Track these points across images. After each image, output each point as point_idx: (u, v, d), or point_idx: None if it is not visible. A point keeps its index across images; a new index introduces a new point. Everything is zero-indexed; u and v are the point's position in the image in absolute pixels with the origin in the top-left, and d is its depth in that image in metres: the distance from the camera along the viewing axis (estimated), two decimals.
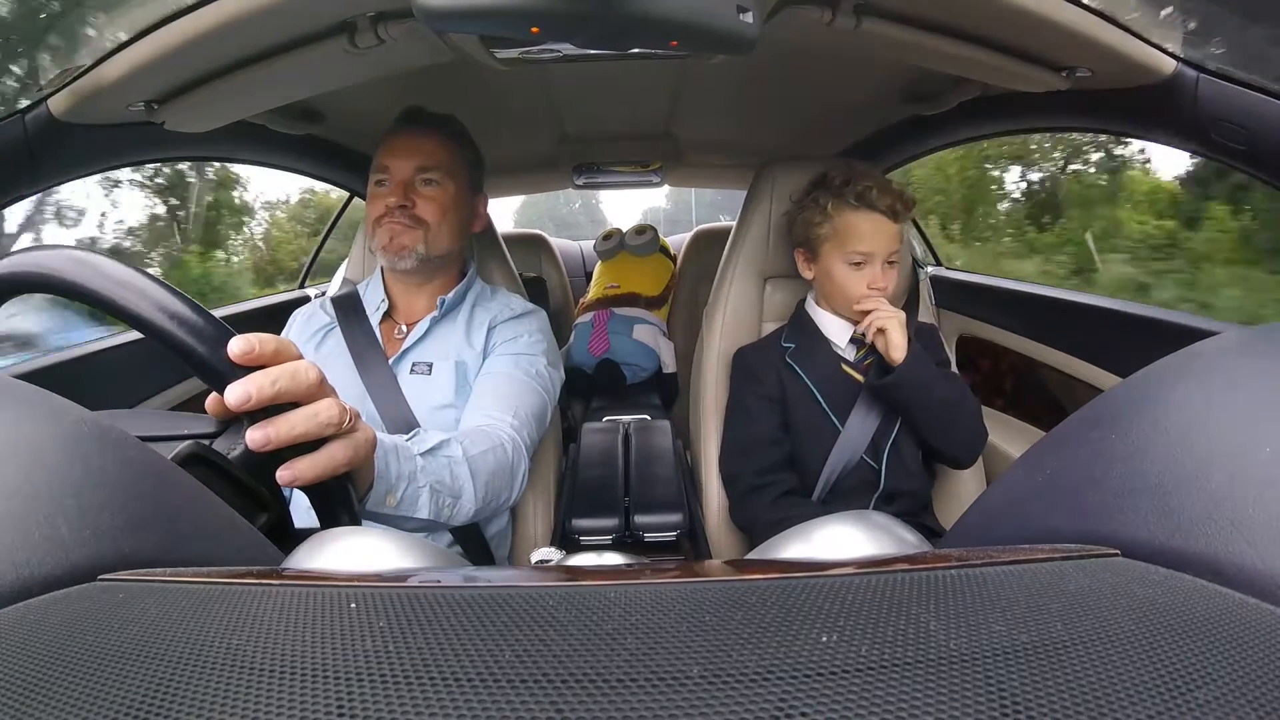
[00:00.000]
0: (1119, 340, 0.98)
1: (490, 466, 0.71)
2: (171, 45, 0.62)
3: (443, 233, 0.90)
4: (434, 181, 0.89)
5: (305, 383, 0.40)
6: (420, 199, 0.88)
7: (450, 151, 0.92)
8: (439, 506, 0.62)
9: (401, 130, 0.92)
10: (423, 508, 0.59)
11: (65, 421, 0.27)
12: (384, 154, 0.90)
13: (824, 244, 0.93)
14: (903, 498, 0.93)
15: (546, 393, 0.89)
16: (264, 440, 0.38)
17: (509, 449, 0.76)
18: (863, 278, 0.91)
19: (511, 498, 0.77)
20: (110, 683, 0.17)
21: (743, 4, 0.47)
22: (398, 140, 0.90)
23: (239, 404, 0.37)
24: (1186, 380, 0.27)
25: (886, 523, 0.35)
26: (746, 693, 0.16)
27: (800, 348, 0.97)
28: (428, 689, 0.16)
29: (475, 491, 0.67)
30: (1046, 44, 0.69)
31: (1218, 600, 0.20)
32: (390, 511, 0.56)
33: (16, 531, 0.23)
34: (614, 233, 1.90)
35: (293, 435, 0.39)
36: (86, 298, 0.36)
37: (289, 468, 0.39)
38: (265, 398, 0.37)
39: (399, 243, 0.87)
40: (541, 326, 0.96)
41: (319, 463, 0.40)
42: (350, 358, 0.87)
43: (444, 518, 0.63)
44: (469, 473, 0.67)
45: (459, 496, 0.65)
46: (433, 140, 0.91)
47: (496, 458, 0.73)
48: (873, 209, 0.89)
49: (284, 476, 0.39)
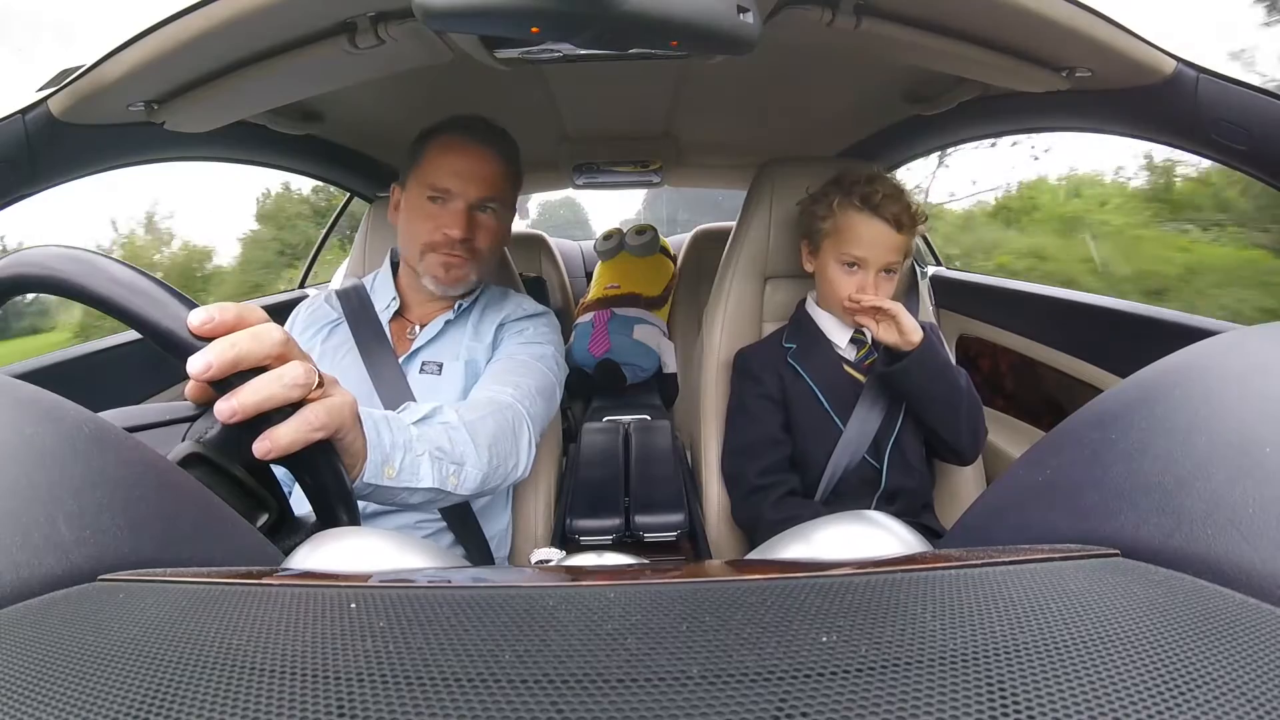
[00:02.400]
0: (1119, 340, 0.98)
1: (491, 430, 0.68)
2: (171, 45, 0.62)
3: (491, 258, 0.90)
4: (494, 210, 0.87)
5: (268, 342, 0.38)
6: (479, 228, 0.86)
7: (510, 177, 0.90)
8: (443, 475, 0.59)
9: (464, 145, 0.86)
10: (425, 476, 0.57)
11: (65, 421, 0.27)
12: (444, 171, 0.84)
13: (824, 239, 0.93)
14: (904, 496, 0.93)
15: (552, 375, 0.87)
16: (230, 411, 0.36)
17: (509, 415, 0.72)
18: (853, 281, 0.90)
19: (519, 465, 0.73)
20: (110, 683, 0.17)
21: (743, 4, 0.47)
22: (462, 157, 0.85)
23: (199, 372, 0.35)
24: (1186, 380, 0.27)
25: (886, 523, 0.35)
26: (746, 693, 0.16)
27: (801, 348, 0.97)
28: (428, 689, 0.16)
29: (479, 456, 0.64)
30: (1047, 44, 0.69)
31: (1218, 600, 0.20)
32: (392, 484, 0.53)
33: (16, 531, 0.23)
34: (614, 233, 1.90)
35: (259, 400, 0.37)
36: (86, 297, 0.36)
37: (265, 438, 0.37)
38: (226, 362, 0.36)
39: (455, 275, 0.86)
40: (551, 325, 0.96)
41: (294, 429, 0.38)
42: (358, 353, 0.86)
43: (450, 486, 0.60)
44: (468, 437, 0.64)
45: (462, 463, 0.62)
46: (497, 165, 0.87)
47: (496, 421, 0.69)
48: (876, 214, 0.88)
49: (260, 448, 0.37)
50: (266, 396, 0.37)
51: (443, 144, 0.86)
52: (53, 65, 0.68)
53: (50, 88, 0.67)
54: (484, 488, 0.66)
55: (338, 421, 0.42)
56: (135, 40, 0.62)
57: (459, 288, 0.88)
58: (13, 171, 0.68)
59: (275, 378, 0.38)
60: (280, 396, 0.38)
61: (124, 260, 0.38)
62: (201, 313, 0.36)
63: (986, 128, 1.12)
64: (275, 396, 0.37)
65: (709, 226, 1.96)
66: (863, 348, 0.97)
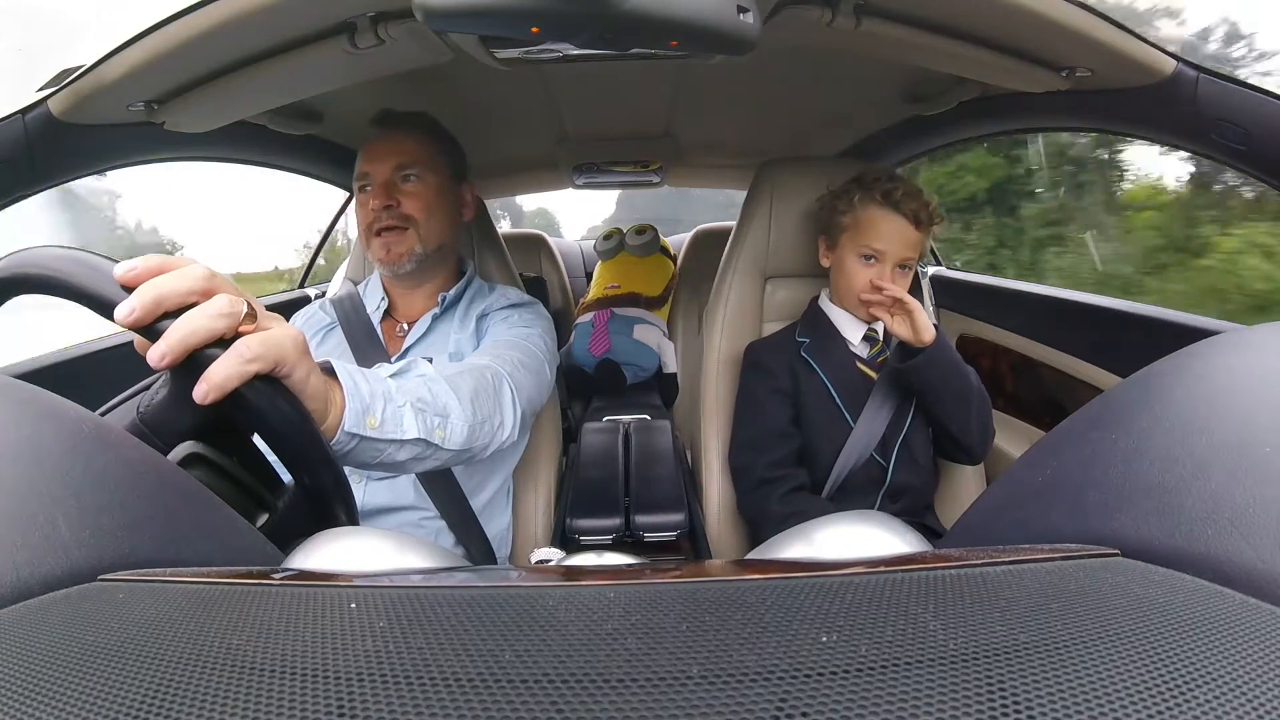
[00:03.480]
0: (1119, 340, 0.98)
1: (470, 385, 0.66)
2: (171, 45, 0.62)
3: (433, 226, 0.91)
4: (414, 177, 0.90)
5: (190, 278, 0.36)
6: (404, 196, 0.89)
7: (425, 145, 0.93)
8: (429, 426, 0.57)
9: (377, 135, 0.92)
10: (410, 427, 0.55)
11: (65, 421, 0.27)
12: (363, 161, 0.91)
13: (843, 234, 0.95)
14: (908, 495, 0.94)
15: (539, 351, 0.87)
16: (160, 356, 0.34)
17: (487, 373, 0.71)
18: (869, 273, 0.92)
19: (505, 425, 0.71)
20: (110, 683, 0.17)
21: (743, 4, 0.47)
22: (373, 145, 0.91)
23: (123, 318, 0.34)
24: (1186, 380, 0.27)
25: (887, 522, 0.35)
26: (746, 693, 0.16)
27: (815, 343, 0.98)
28: (428, 689, 0.16)
29: (462, 409, 0.62)
30: (1047, 44, 0.68)
31: (1218, 600, 0.20)
32: (376, 434, 0.51)
33: (16, 531, 0.23)
34: (614, 233, 1.89)
35: (183, 334, 0.35)
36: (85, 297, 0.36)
37: (201, 381, 0.35)
38: (147, 301, 0.34)
39: (395, 252, 0.88)
40: (537, 312, 0.96)
41: (227, 364, 0.36)
42: (353, 356, 0.88)
43: (438, 439, 0.59)
44: (448, 389, 0.62)
45: (446, 415, 0.61)
46: (407, 138, 0.92)
47: (475, 378, 0.68)
48: (895, 209, 0.91)
49: (198, 392, 0.35)
50: (190, 330, 0.35)
51: (363, 145, 0.93)
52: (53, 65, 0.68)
53: (50, 88, 0.67)
54: (471, 444, 0.64)
55: (276, 353, 0.38)
56: (135, 40, 0.62)
57: (406, 263, 0.89)
58: (13, 171, 0.68)
59: (200, 310, 0.36)
60: (205, 328, 0.36)
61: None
62: (124, 265, 0.35)
63: (986, 127, 1.12)
64: (200, 329, 0.35)
65: (709, 226, 1.95)
66: (875, 345, 0.97)
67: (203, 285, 0.37)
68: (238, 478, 0.41)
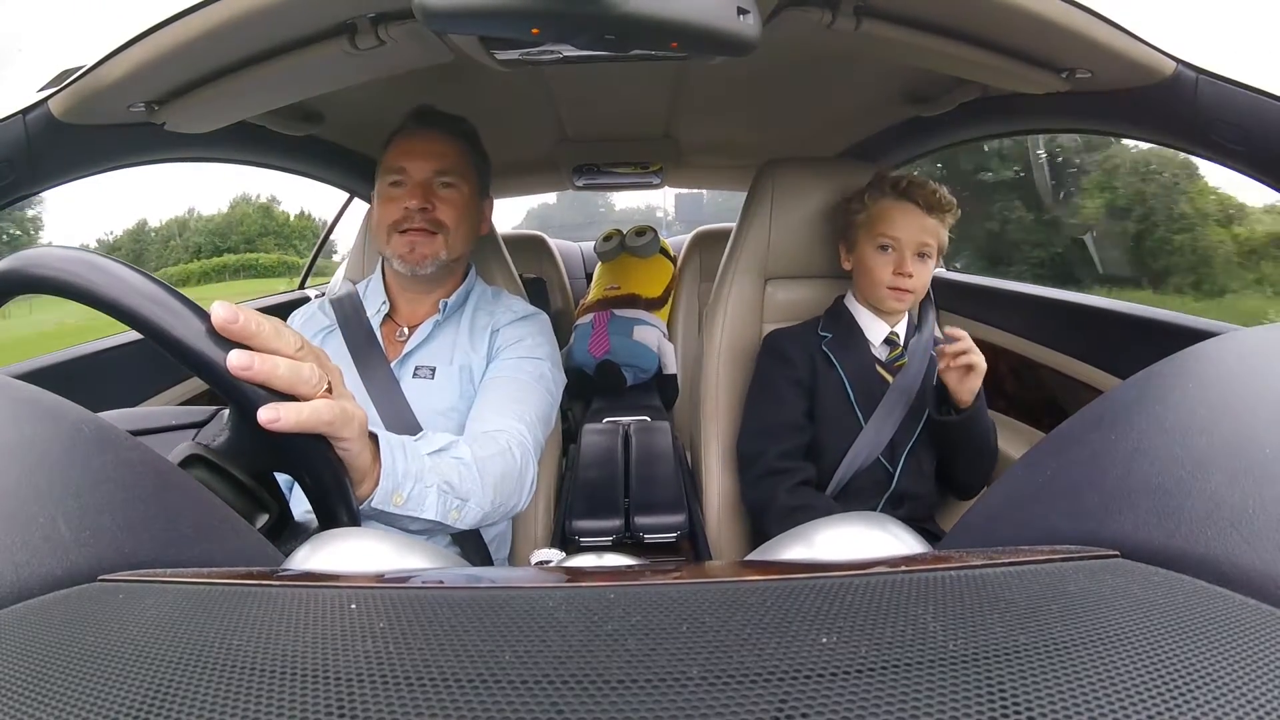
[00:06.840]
0: (1119, 341, 0.98)
1: (499, 470, 0.70)
2: (172, 46, 0.62)
3: (459, 236, 0.90)
4: (451, 185, 0.89)
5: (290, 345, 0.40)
6: (440, 201, 0.88)
7: (464, 154, 0.92)
8: (445, 509, 0.61)
9: (416, 131, 0.90)
10: (430, 508, 0.59)
11: (65, 421, 0.27)
12: (399, 155, 0.88)
13: (859, 231, 0.98)
14: (911, 502, 0.94)
15: (551, 395, 0.88)
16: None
17: (517, 455, 0.74)
18: (889, 262, 0.94)
19: (520, 503, 0.76)
20: (110, 683, 0.17)
21: (743, 5, 0.47)
22: (411, 142, 0.89)
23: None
24: (1186, 380, 0.27)
25: (887, 524, 0.35)
26: (746, 694, 0.16)
27: (837, 339, 0.99)
28: (428, 690, 0.16)
29: (484, 495, 0.66)
30: (1047, 45, 0.69)
31: (1218, 601, 0.19)
32: (396, 511, 0.55)
33: (16, 531, 0.23)
34: (614, 234, 1.89)
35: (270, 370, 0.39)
36: (85, 298, 0.36)
37: (272, 407, 0.39)
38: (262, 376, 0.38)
39: (421, 252, 0.87)
40: (544, 329, 0.96)
41: (301, 411, 0.40)
42: (351, 360, 0.87)
43: (450, 520, 0.62)
44: (478, 475, 0.66)
45: (466, 500, 0.64)
46: (449, 142, 0.90)
47: (505, 462, 0.72)
48: (905, 197, 0.94)
49: (264, 415, 0.39)
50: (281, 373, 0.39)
51: (399, 135, 0.92)
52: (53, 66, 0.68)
53: (51, 88, 0.67)
54: (482, 524, 0.69)
55: (343, 425, 0.43)
56: (136, 41, 0.62)
57: (428, 266, 0.88)
58: (12, 171, 0.68)
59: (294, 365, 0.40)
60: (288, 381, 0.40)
61: (127, 262, 0.38)
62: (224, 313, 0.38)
63: (986, 128, 1.12)
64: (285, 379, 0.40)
65: (709, 227, 1.96)
66: (895, 349, 0.98)
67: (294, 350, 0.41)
68: (238, 479, 0.41)
